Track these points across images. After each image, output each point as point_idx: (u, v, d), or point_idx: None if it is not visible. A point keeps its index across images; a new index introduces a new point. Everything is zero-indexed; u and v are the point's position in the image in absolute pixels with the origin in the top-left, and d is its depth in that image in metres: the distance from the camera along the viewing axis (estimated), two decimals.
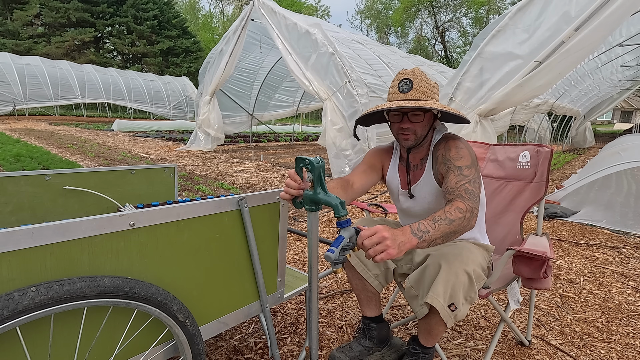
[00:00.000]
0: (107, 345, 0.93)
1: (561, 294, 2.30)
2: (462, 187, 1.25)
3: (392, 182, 1.52)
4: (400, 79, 1.31)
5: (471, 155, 1.31)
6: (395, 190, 1.51)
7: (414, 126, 1.33)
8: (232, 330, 1.78)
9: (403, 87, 1.29)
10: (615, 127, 32.25)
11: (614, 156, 5.10)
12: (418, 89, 1.28)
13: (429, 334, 1.30)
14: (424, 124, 1.35)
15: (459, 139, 1.37)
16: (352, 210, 4.10)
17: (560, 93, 9.71)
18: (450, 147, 1.34)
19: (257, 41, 8.01)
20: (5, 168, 5.38)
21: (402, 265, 1.50)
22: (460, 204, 1.21)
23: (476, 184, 1.26)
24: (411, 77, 1.29)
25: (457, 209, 1.21)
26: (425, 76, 1.32)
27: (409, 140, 1.36)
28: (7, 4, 25.49)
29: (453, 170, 1.29)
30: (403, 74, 1.32)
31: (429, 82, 1.31)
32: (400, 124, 1.35)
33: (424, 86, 1.29)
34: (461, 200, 1.23)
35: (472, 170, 1.28)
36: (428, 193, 1.41)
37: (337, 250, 0.92)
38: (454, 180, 1.28)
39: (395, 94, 1.32)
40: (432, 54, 38.99)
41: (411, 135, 1.35)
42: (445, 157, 1.33)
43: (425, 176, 1.41)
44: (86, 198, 1.59)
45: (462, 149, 1.32)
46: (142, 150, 8.52)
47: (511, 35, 3.82)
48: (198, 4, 44.10)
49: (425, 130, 1.37)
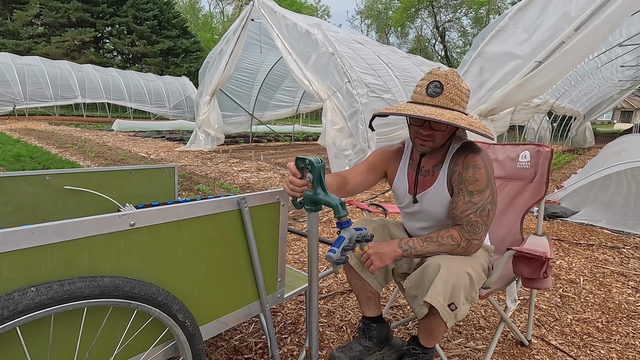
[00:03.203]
0: (107, 345, 0.93)
1: (561, 294, 2.30)
2: (465, 217, 1.25)
3: (400, 187, 1.45)
4: (431, 80, 1.20)
5: (488, 176, 1.26)
6: (402, 195, 1.45)
7: (434, 134, 1.25)
8: (232, 330, 1.78)
9: (432, 90, 1.19)
10: (615, 127, 32.25)
11: (614, 156, 5.10)
12: (447, 96, 1.18)
13: (430, 334, 1.30)
14: (445, 133, 1.27)
15: (479, 153, 1.28)
16: (352, 210, 4.10)
17: (560, 93, 9.71)
18: (468, 165, 1.26)
19: (257, 41, 8.01)
20: (5, 168, 5.38)
21: (401, 265, 1.50)
22: (455, 233, 1.26)
23: (484, 211, 1.24)
24: (443, 80, 1.19)
25: (450, 236, 1.26)
26: (458, 81, 1.21)
27: (426, 147, 1.28)
28: (7, 4, 25.48)
29: (464, 195, 1.26)
30: (435, 75, 1.21)
31: (460, 88, 1.21)
32: (420, 128, 1.26)
33: (455, 93, 1.19)
34: (459, 230, 1.26)
35: (483, 195, 1.24)
36: (437, 203, 1.35)
37: (339, 250, 0.92)
38: (461, 209, 1.26)
39: (422, 95, 1.22)
40: (432, 54, 38.99)
41: (429, 142, 1.27)
42: (461, 176, 1.27)
43: (437, 186, 1.34)
44: (86, 198, 1.59)
45: (480, 169, 1.25)
46: (142, 150, 8.52)
47: (511, 35, 3.83)
48: (198, 4, 44.11)
49: (444, 139, 1.29)
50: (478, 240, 1.26)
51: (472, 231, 1.24)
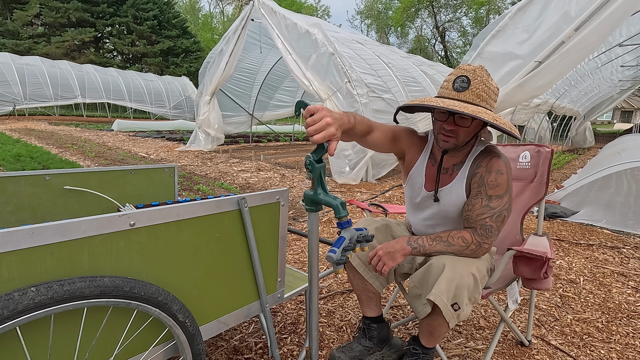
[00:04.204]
0: (107, 345, 0.93)
1: (561, 294, 2.30)
2: (481, 220, 1.25)
3: (416, 178, 1.42)
4: (458, 75, 1.19)
5: (508, 182, 1.25)
6: (417, 187, 1.42)
7: (458, 129, 1.23)
8: (232, 330, 1.78)
9: (459, 84, 1.18)
10: (615, 127, 32.25)
11: (614, 156, 5.10)
12: (474, 91, 1.17)
13: (431, 334, 1.30)
14: (470, 130, 1.24)
15: (502, 157, 1.27)
16: (353, 210, 4.10)
17: (560, 93, 9.72)
18: (492, 169, 1.25)
19: (257, 41, 8.01)
20: (5, 168, 5.38)
21: (403, 265, 1.50)
22: (467, 235, 1.26)
23: (500, 217, 1.24)
24: (470, 75, 1.17)
25: (461, 237, 1.26)
26: (487, 78, 1.19)
27: (449, 143, 1.26)
28: (7, 4, 25.48)
29: (482, 198, 1.25)
30: (462, 69, 1.20)
31: (489, 85, 1.19)
32: (444, 123, 1.24)
33: (482, 89, 1.17)
34: (472, 232, 1.26)
35: (502, 201, 1.24)
36: (450, 202, 1.33)
37: (339, 251, 0.92)
38: (478, 212, 1.25)
39: (448, 90, 1.21)
40: (432, 54, 39.00)
41: (453, 138, 1.25)
42: (482, 179, 1.26)
43: (455, 185, 1.33)
44: (86, 198, 1.59)
45: (503, 174, 1.24)
46: (142, 150, 8.52)
47: (511, 35, 3.82)
48: (198, 4, 44.11)
49: (468, 137, 1.26)
50: (488, 245, 1.25)
51: (485, 235, 1.24)
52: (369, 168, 5.63)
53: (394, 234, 1.52)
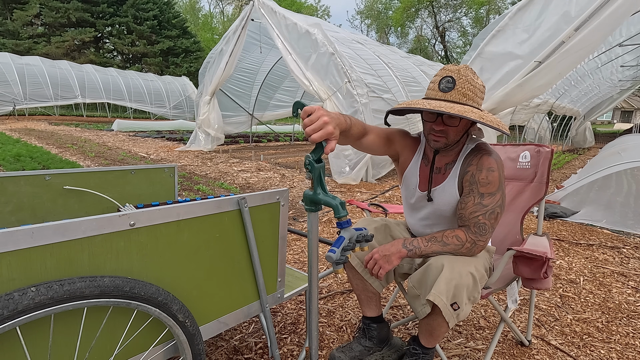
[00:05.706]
0: (107, 345, 0.93)
1: (561, 294, 2.30)
2: (474, 219, 1.25)
3: (410, 179, 1.44)
4: (443, 76, 1.20)
5: (500, 179, 1.25)
6: (412, 188, 1.44)
7: (447, 129, 1.24)
8: (232, 330, 1.78)
9: (444, 85, 1.20)
10: (615, 127, 32.26)
11: (614, 156, 5.10)
12: (460, 91, 1.18)
13: (431, 334, 1.30)
14: (459, 129, 1.26)
15: (492, 154, 1.27)
16: (352, 210, 4.10)
17: (560, 93, 9.72)
18: (482, 167, 1.25)
19: (257, 41, 8.01)
20: (5, 168, 5.38)
21: (402, 266, 1.50)
22: (461, 234, 1.26)
23: (493, 214, 1.24)
24: (455, 75, 1.19)
25: (456, 236, 1.26)
26: (472, 77, 1.20)
27: (440, 143, 1.27)
28: (7, 4, 25.48)
29: (474, 196, 1.25)
30: (447, 70, 1.21)
31: (474, 83, 1.20)
32: (433, 124, 1.26)
33: (467, 88, 1.18)
34: (466, 231, 1.26)
35: (494, 198, 1.24)
36: (444, 201, 1.34)
37: (339, 250, 0.92)
38: (470, 210, 1.25)
39: (434, 91, 1.22)
40: (432, 54, 38.99)
41: (443, 138, 1.26)
42: (474, 177, 1.27)
43: (447, 184, 1.34)
44: (86, 198, 1.59)
45: (494, 172, 1.24)
46: (142, 150, 8.52)
47: (511, 35, 3.82)
48: (198, 4, 44.10)
49: (458, 136, 1.28)
50: (483, 242, 1.26)
51: (479, 232, 1.25)
52: (368, 168, 5.64)
53: (394, 234, 1.52)
